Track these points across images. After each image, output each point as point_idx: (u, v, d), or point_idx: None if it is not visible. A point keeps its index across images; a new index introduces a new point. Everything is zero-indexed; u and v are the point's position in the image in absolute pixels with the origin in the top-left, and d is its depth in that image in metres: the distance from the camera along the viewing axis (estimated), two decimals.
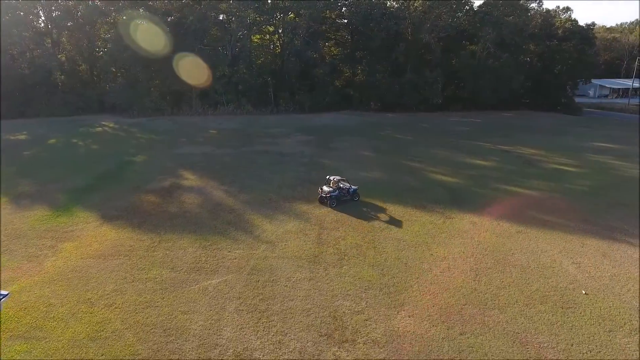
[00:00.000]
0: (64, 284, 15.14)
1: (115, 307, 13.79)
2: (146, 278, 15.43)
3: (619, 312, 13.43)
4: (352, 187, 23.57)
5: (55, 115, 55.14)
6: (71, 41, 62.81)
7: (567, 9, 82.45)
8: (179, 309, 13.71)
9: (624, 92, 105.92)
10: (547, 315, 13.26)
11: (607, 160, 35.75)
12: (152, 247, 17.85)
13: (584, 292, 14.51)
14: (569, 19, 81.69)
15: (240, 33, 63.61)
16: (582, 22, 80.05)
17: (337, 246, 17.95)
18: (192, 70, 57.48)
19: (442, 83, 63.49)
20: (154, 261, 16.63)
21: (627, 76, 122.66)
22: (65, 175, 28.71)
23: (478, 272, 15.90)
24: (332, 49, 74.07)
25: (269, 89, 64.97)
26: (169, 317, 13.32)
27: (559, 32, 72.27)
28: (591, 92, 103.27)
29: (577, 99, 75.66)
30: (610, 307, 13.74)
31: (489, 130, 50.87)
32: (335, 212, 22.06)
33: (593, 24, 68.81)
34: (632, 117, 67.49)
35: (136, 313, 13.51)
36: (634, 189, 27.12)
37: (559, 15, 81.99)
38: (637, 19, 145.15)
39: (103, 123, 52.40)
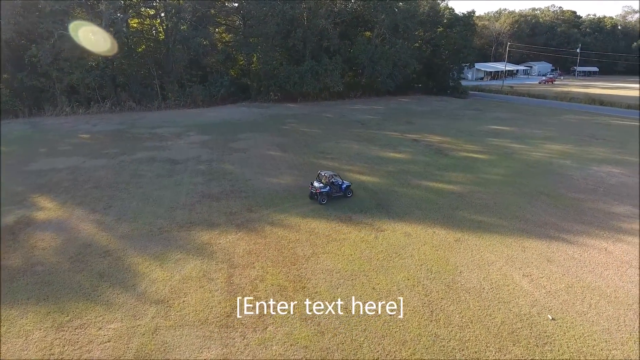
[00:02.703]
0: None
1: None
2: None
3: (596, 342, 11.64)
4: (345, 182, 22.59)
5: None
6: None
7: None
8: None
9: (496, 75, 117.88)
10: None
11: (507, 144, 36.75)
12: None
13: (550, 318, 12.58)
14: (447, 7, 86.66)
15: (112, 16, 53.97)
16: (457, 10, 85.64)
17: (255, 293, 13.75)
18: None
19: (341, 70, 61.80)
20: None
21: (496, 60, 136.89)
22: None
23: (432, 307, 13.11)
24: (224, 35, 67.71)
25: (154, 81, 56.68)
26: None
27: (444, 19, 75.71)
28: (469, 75, 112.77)
29: None
30: (583, 334, 11.91)
31: (393, 118, 50.34)
32: (247, 239, 17.74)
33: (473, 11, 73.20)
34: (507, 97, 73.75)
35: None
36: (544, 174, 27.47)
37: (439, 4, 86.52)
38: (500, 9, 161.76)
39: None
